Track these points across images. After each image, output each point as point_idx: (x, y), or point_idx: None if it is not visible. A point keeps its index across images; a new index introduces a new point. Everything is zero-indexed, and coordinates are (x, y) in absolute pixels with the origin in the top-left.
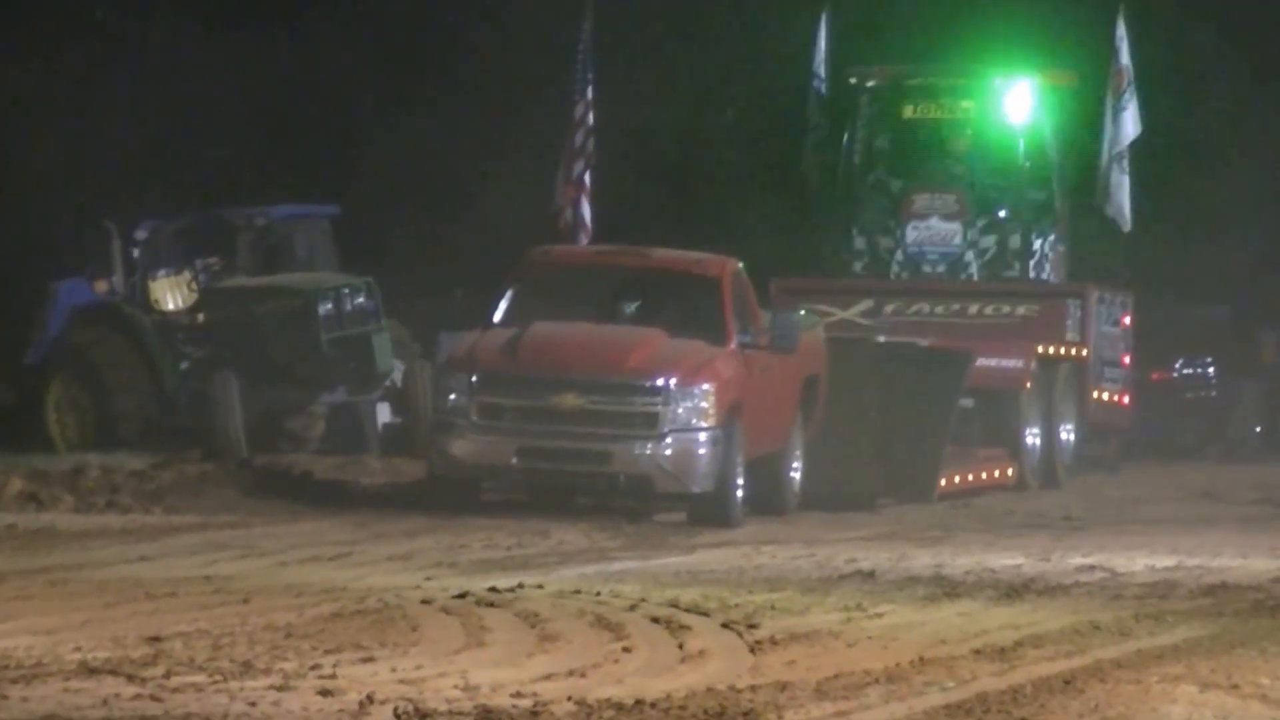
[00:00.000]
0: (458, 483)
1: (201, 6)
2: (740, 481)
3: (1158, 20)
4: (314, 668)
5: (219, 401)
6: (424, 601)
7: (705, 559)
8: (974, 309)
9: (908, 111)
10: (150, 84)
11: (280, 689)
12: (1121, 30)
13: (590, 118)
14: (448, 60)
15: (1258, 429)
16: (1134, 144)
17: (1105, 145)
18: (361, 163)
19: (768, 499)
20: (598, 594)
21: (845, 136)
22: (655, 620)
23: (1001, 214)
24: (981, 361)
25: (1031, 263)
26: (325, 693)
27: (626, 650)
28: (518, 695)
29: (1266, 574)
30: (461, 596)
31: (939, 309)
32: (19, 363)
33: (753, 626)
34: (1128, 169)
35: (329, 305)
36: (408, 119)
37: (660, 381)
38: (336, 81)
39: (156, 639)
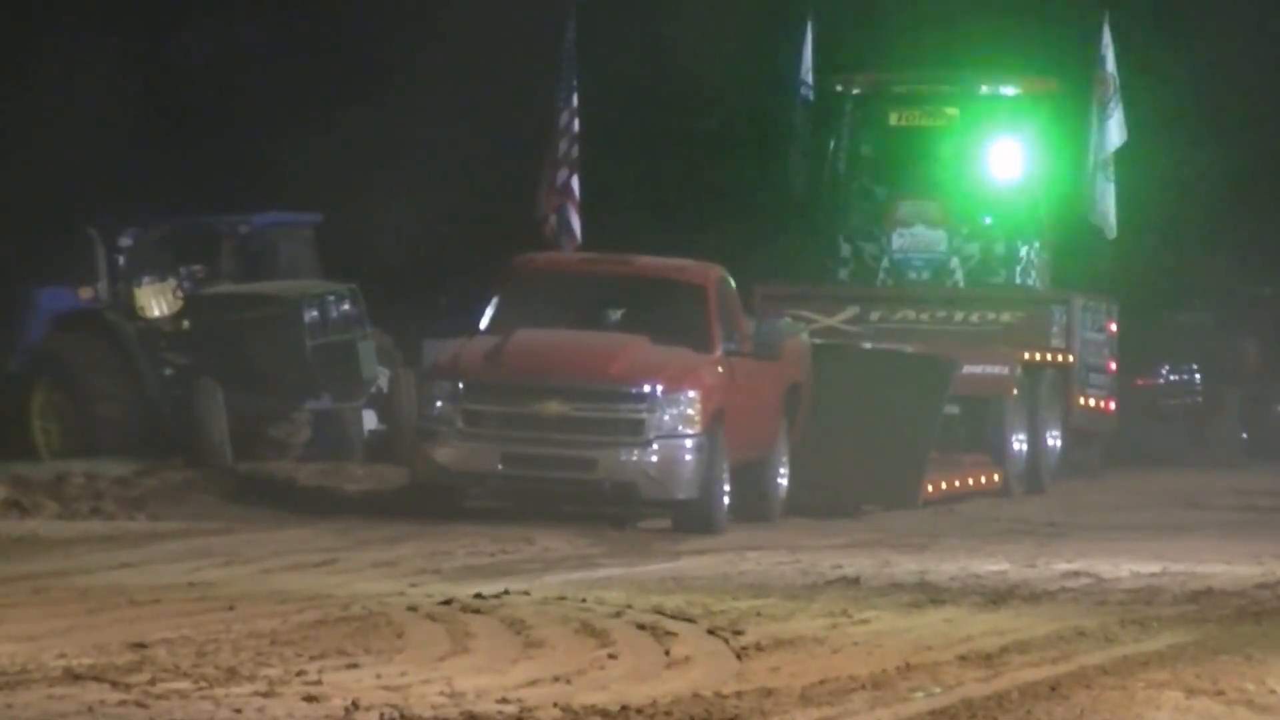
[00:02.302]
0: (442, 490)
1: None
2: (725, 488)
3: (1142, 29)
4: (299, 674)
5: (203, 408)
6: (409, 608)
7: (690, 565)
8: (959, 316)
9: (893, 119)
10: (131, 86)
11: (265, 695)
12: (1106, 38)
13: (575, 124)
14: (432, 66)
15: (1242, 435)
16: (1119, 151)
17: (1090, 152)
18: (346, 169)
19: (752, 505)
20: (583, 600)
21: (830, 144)
22: (640, 627)
23: (986, 221)
24: (967, 368)
25: (1016, 269)
26: (310, 699)
27: (611, 657)
28: (503, 701)
29: (1250, 580)
30: (446, 603)
31: (924, 316)
32: (2, 370)
33: (738, 633)
34: (1112, 176)
35: (313, 312)
36: (391, 124)
37: (645, 388)
38: (317, 87)
39: (141, 646)
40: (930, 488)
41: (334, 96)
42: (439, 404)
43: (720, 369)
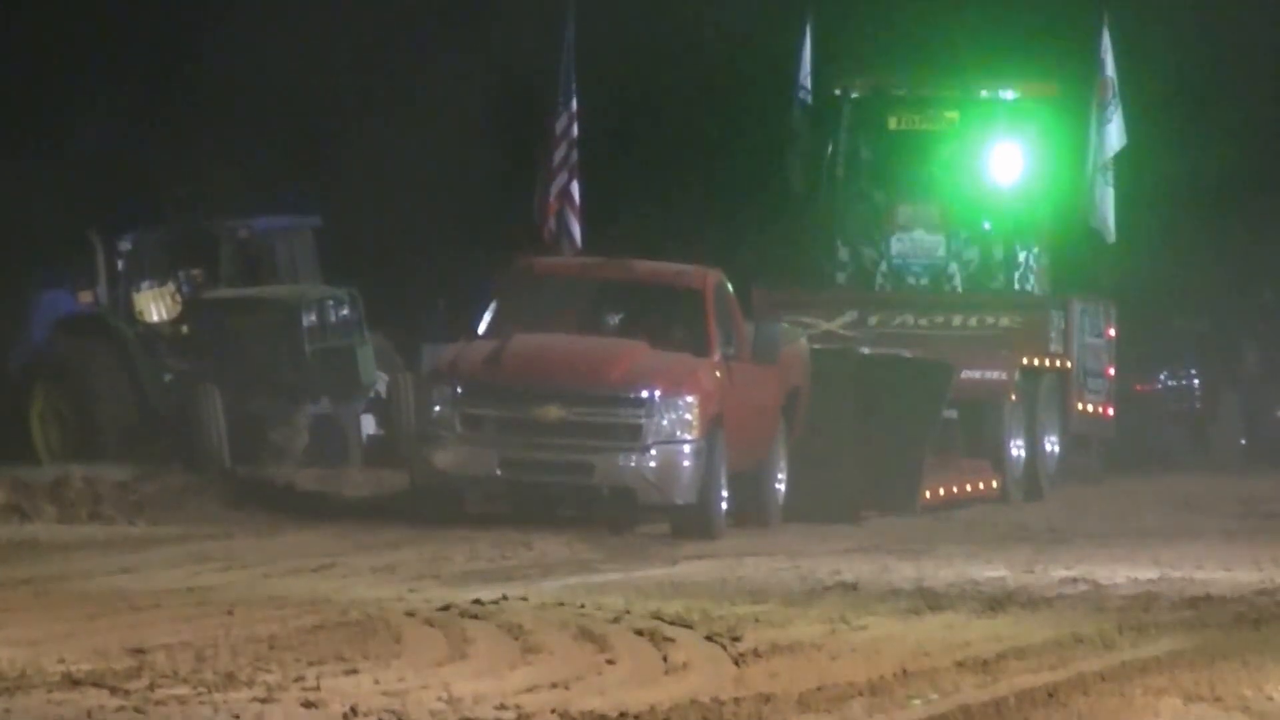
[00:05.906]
0: (441, 494)
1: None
2: (723, 493)
3: (1142, 32)
4: (297, 679)
5: (202, 413)
6: (407, 613)
7: (688, 571)
8: (958, 320)
9: (892, 123)
10: (132, 88)
11: (263, 701)
12: (1106, 41)
13: (575, 129)
14: (432, 68)
15: (1240, 441)
16: (1118, 155)
17: (1090, 157)
18: (345, 173)
19: (751, 511)
20: (581, 606)
21: (829, 147)
22: (638, 632)
23: (985, 226)
24: (965, 373)
25: (1015, 274)
26: (309, 705)
27: (610, 662)
28: (500, 707)
29: (1249, 586)
30: (445, 608)
31: (923, 321)
32: (2, 374)
33: (736, 638)
34: (1112, 180)
35: (312, 316)
36: (391, 126)
37: (643, 393)
38: (317, 88)
39: (140, 650)
40: (929, 493)
41: (333, 99)
42: (437, 408)
43: (718, 374)
